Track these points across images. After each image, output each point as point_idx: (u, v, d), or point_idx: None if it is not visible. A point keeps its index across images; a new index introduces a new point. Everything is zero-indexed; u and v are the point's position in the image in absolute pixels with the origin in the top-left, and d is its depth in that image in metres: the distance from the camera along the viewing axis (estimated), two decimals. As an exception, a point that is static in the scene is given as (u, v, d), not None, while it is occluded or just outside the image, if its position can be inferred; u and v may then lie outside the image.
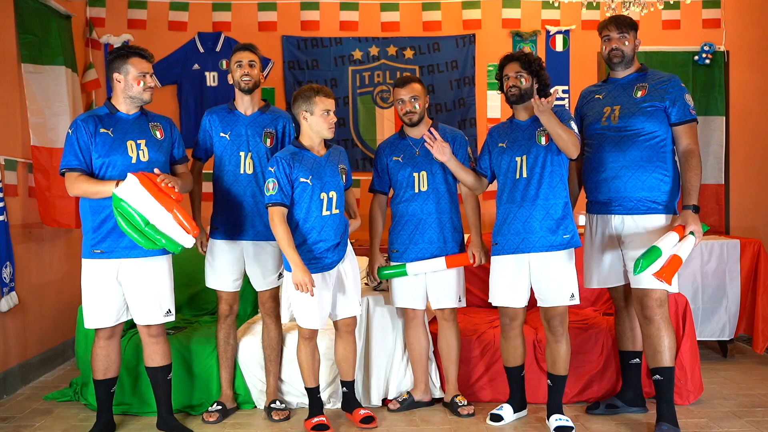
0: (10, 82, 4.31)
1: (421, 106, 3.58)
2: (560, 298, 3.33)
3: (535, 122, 3.38)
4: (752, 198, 5.53)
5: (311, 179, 3.32)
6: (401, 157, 3.64)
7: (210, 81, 5.46)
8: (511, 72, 3.38)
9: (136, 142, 3.25)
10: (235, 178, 3.57)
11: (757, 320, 4.52)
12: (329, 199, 3.35)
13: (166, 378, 3.42)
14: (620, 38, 3.43)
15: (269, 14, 5.50)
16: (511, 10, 5.55)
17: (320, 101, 3.32)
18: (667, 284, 3.14)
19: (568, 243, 3.33)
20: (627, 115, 3.37)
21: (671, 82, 3.38)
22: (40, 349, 4.50)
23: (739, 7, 5.51)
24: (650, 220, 3.33)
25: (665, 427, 3.26)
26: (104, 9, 5.39)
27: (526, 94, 3.37)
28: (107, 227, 3.21)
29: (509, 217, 3.38)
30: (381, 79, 5.55)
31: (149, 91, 3.29)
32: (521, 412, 3.60)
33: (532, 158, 3.34)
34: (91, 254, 3.24)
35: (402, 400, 3.72)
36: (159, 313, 3.32)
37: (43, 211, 4.48)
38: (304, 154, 3.36)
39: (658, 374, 3.30)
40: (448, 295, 3.61)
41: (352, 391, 3.61)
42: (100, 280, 3.25)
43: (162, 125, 3.39)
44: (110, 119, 3.27)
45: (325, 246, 3.35)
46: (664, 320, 3.30)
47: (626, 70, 3.48)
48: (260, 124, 3.61)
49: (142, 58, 3.26)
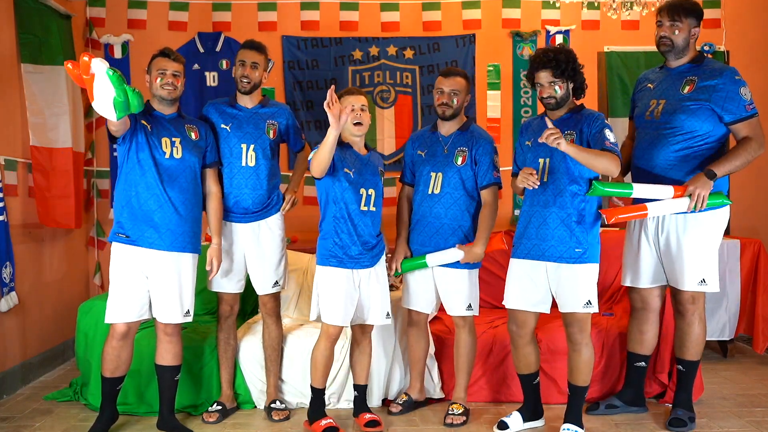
0: (10, 82, 4.30)
1: (459, 102, 3.47)
2: (575, 304, 3.16)
3: (565, 123, 3.18)
4: (752, 198, 5.53)
5: (353, 172, 3.33)
6: (425, 152, 3.55)
7: (210, 81, 5.46)
8: (544, 81, 3.14)
9: (171, 139, 3.33)
10: (237, 170, 3.57)
11: (757, 320, 4.52)
12: (368, 196, 3.36)
13: (173, 378, 3.43)
14: (671, 26, 3.29)
15: (269, 14, 5.49)
16: (511, 10, 5.54)
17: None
18: (606, 220, 3.14)
19: (579, 258, 3.14)
20: (669, 111, 3.28)
21: (722, 77, 3.22)
22: (40, 349, 4.50)
23: (739, 7, 5.50)
24: (687, 219, 3.29)
25: (680, 412, 3.37)
26: (104, 9, 5.38)
27: (563, 100, 3.17)
28: (134, 214, 3.26)
29: (526, 221, 3.26)
30: (381, 79, 5.55)
31: (166, 88, 3.34)
32: (534, 421, 3.45)
33: (556, 162, 3.15)
34: (116, 237, 3.29)
35: (402, 402, 3.70)
36: (179, 312, 3.33)
37: (42, 211, 4.47)
38: (347, 150, 3.38)
39: (681, 365, 3.43)
40: (456, 302, 3.53)
41: (364, 395, 3.57)
42: (127, 269, 3.27)
43: (198, 128, 3.47)
44: (149, 116, 3.36)
45: (362, 241, 3.34)
46: (696, 316, 3.37)
47: (678, 59, 3.35)
48: (262, 117, 3.61)
49: (164, 56, 3.36)
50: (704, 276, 3.33)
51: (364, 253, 3.35)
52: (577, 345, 3.23)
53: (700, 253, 3.31)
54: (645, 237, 3.44)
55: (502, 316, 4.08)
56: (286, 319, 4.05)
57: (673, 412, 3.42)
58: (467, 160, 3.45)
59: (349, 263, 3.33)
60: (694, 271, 3.32)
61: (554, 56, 3.12)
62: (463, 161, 3.44)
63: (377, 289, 3.42)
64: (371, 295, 3.41)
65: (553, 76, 3.12)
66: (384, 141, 5.47)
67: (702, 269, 3.32)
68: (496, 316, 4.16)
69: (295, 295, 4.33)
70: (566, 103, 3.22)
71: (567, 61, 3.13)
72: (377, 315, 3.43)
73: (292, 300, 4.28)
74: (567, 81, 3.16)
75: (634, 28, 5.48)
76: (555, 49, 3.18)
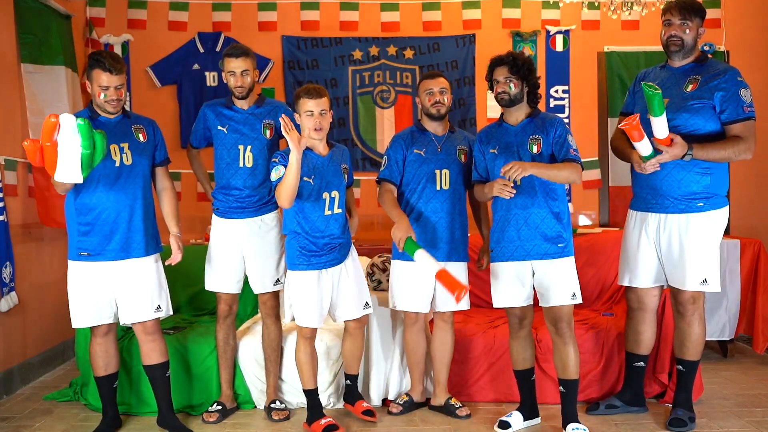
0: (10, 82, 4.31)
1: (449, 100, 3.56)
2: (564, 297, 3.25)
3: (527, 127, 3.31)
4: (752, 198, 5.53)
5: (313, 179, 3.33)
6: (424, 150, 3.55)
7: (210, 81, 5.46)
8: (500, 77, 3.28)
9: (119, 145, 3.26)
10: (235, 171, 3.57)
11: (757, 320, 4.52)
12: (332, 199, 3.36)
13: (164, 375, 3.42)
14: (682, 24, 3.27)
15: (269, 14, 5.50)
16: (511, 10, 5.54)
17: (303, 103, 3.32)
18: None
19: (561, 252, 3.25)
20: (673, 110, 3.26)
21: (725, 76, 3.22)
22: (40, 349, 4.50)
23: (739, 7, 5.51)
24: (689, 219, 3.29)
25: (680, 412, 3.37)
26: (104, 9, 5.38)
27: (516, 99, 3.29)
28: (95, 230, 3.22)
29: (504, 225, 3.31)
30: (381, 79, 5.55)
31: (111, 104, 3.22)
32: (532, 420, 3.49)
33: None
34: (78, 256, 3.25)
35: (402, 402, 3.70)
36: (149, 309, 3.32)
37: (42, 211, 4.48)
38: (306, 154, 3.34)
39: (681, 365, 3.42)
40: None
41: (355, 384, 3.64)
42: (87, 282, 3.25)
43: (145, 127, 3.39)
44: (92, 123, 3.20)
45: (326, 242, 3.36)
46: (696, 316, 3.36)
47: (684, 59, 3.34)
48: (258, 117, 3.61)
49: (103, 70, 3.15)
50: (706, 276, 3.33)
51: (330, 252, 3.38)
52: (567, 338, 3.29)
53: (701, 253, 3.31)
54: (646, 237, 3.43)
55: (502, 316, 4.08)
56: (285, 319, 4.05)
57: (673, 412, 3.42)
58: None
59: (317, 265, 3.36)
60: (696, 271, 3.32)
61: (512, 56, 3.29)
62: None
63: (349, 283, 3.45)
64: (344, 290, 3.44)
65: (509, 73, 3.26)
66: (384, 141, 5.46)
67: (704, 269, 3.32)
68: (496, 316, 4.16)
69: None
70: (519, 104, 3.31)
71: (524, 62, 3.27)
72: (354, 309, 3.47)
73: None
74: (522, 81, 3.27)
75: (634, 28, 5.48)
76: (516, 53, 3.36)
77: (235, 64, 3.51)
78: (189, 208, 5.07)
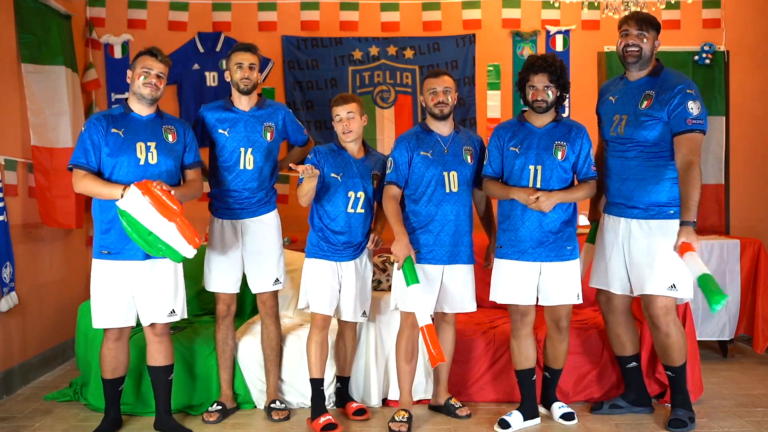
0: (10, 82, 4.31)
1: (453, 100, 3.53)
2: (570, 297, 3.38)
3: (552, 132, 3.35)
4: (752, 198, 5.53)
5: (341, 177, 3.48)
6: (430, 153, 3.50)
7: (210, 81, 5.46)
8: (539, 84, 3.29)
9: (146, 144, 3.27)
10: (236, 174, 3.57)
11: (757, 320, 4.53)
12: (356, 199, 3.48)
13: (167, 378, 3.43)
14: (639, 35, 3.31)
15: (269, 14, 5.49)
16: (511, 10, 5.54)
17: (332, 111, 3.52)
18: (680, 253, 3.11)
19: (570, 255, 3.37)
20: (631, 127, 3.32)
21: (675, 90, 3.25)
22: (40, 349, 4.50)
23: (739, 7, 5.50)
24: (659, 225, 3.30)
25: (680, 412, 3.39)
26: (104, 9, 5.38)
27: (552, 106, 3.34)
28: (115, 228, 3.22)
29: (518, 224, 3.34)
30: (381, 79, 5.55)
31: (148, 87, 3.28)
32: (532, 420, 3.48)
33: (548, 171, 3.32)
34: (99, 254, 3.27)
35: (406, 419, 3.42)
36: (163, 313, 3.32)
37: (44, 211, 4.48)
38: (340, 153, 3.54)
39: (670, 371, 3.44)
40: (466, 298, 3.53)
41: (346, 387, 3.70)
42: (109, 281, 3.26)
43: (176, 128, 3.40)
44: (123, 119, 3.30)
45: (344, 240, 3.49)
46: (672, 326, 3.35)
47: (640, 71, 3.37)
48: (259, 120, 3.61)
49: (151, 56, 3.31)
50: (675, 281, 3.28)
51: (347, 248, 3.51)
52: (566, 335, 3.48)
53: (667, 258, 3.25)
54: (615, 243, 3.43)
55: (502, 316, 4.09)
56: (285, 319, 4.05)
57: (672, 412, 3.43)
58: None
59: (333, 256, 3.50)
60: (663, 275, 3.28)
61: (552, 62, 3.30)
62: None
63: (355, 284, 3.52)
64: (349, 288, 3.52)
65: (549, 81, 3.29)
66: (384, 141, 5.46)
67: (671, 273, 3.27)
68: (497, 315, 4.16)
69: (294, 295, 4.32)
70: (551, 110, 3.38)
71: (562, 69, 3.31)
72: (351, 311, 3.53)
73: (291, 300, 4.27)
74: (558, 89, 3.31)
75: (634, 28, 5.48)
76: (553, 57, 3.36)
77: (244, 56, 3.54)
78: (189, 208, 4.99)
